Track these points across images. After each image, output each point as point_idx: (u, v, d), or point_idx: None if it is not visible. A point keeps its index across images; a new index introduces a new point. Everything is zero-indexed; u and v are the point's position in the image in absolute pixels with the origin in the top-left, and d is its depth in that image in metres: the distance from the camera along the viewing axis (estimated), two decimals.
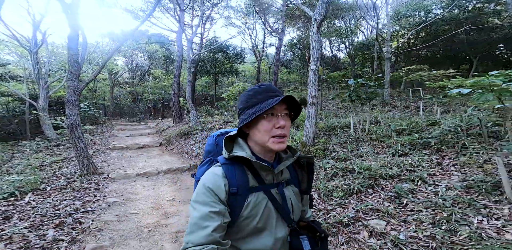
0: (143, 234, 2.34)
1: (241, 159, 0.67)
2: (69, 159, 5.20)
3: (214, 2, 13.77)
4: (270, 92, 0.67)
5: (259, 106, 0.65)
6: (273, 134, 0.65)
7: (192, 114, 8.19)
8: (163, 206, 2.98)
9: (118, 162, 5.17)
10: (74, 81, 3.49)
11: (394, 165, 2.87)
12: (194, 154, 5.49)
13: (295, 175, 0.77)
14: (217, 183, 0.64)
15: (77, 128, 3.65)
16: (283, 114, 0.67)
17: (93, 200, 3.07)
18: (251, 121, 0.66)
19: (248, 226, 0.65)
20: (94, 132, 8.93)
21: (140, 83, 17.07)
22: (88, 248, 2.10)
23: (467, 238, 1.57)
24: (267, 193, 0.68)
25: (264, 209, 0.66)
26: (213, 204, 0.61)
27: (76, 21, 3.62)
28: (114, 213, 2.75)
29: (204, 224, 0.58)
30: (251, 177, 0.68)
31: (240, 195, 0.65)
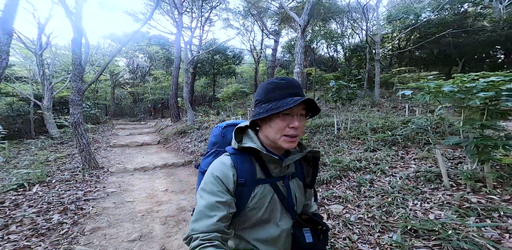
0: (136, 218, 2.68)
1: (250, 150, 0.67)
2: (72, 155, 5.56)
3: (213, 5, 14.13)
4: (291, 89, 0.64)
5: (275, 103, 0.63)
6: (285, 133, 0.64)
7: (189, 114, 8.54)
8: (156, 195, 3.32)
9: (118, 158, 5.52)
10: (77, 82, 3.84)
11: (364, 159, 3.19)
12: (189, 151, 5.83)
13: (300, 168, 0.77)
14: (226, 172, 0.64)
15: (80, 126, 4.01)
16: (298, 114, 0.65)
17: (93, 190, 3.42)
18: (265, 117, 0.65)
19: (253, 216, 0.66)
20: (95, 130, 9.31)
21: (140, 84, 17.48)
22: (88, 228, 2.44)
23: (399, 218, 1.89)
24: (273, 185, 0.68)
25: (269, 201, 0.67)
26: (220, 194, 0.61)
27: (80, 27, 3.97)
28: (112, 201, 3.10)
29: (210, 213, 0.59)
30: (259, 169, 0.68)
31: (247, 186, 0.65)
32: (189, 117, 8.43)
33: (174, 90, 10.53)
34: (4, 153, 5.88)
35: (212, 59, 15.39)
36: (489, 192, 1.99)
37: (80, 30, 3.76)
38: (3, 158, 5.40)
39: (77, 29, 3.83)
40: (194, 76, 15.38)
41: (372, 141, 3.74)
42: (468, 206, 1.87)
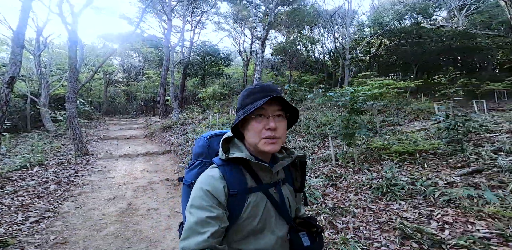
0: (114, 187, 3.52)
1: (238, 159, 0.66)
2: (66, 145, 6.34)
3: (204, 10, 14.94)
4: (265, 92, 0.64)
5: (249, 107, 0.63)
6: (263, 136, 0.63)
7: (174, 112, 9.37)
8: (134, 173, 4.16)
9: (107, 148, 6.33)
10: (73, 83, 4.65)
11: (298, 147, 4.09)
12: (171, 142, 6.66)
13: (289, 173, 0.77)
14: (216, 185, 0.62)
15: (74, 119, 4.81)
16: (274, 115, 0.64)
17: (83, 170, 4.24)
18: (243, 122, 0.65)
19: (248, 226, 0.64)
20: (88, 126, 10.06)
21: (134, 83, 18.20)
22: (75, 192, 3.27)
23: None
24: (265, 192, 0.68)
25: (263, 208, 0.66)
26: (210, 208, 0.59)
27: (75, 36, 4.77)
28: (97, 176, 3.93)
29: (201, 230, 0.56)
30: (249, 178, 0.67)
31: (239, 195, 0.63)
32: (174, 115, 9.26)
33: (162, 89, 11.34)
34: (5, 143, 6.63)
35: (203, 61, 16.18)
36: (350, 165, 2.88)
37: (76, 39, 4.56)
38: (5, 147, 6.15)
39: (73, 38, 4.63)
40: (184, 76, 16.17)
41: (312, 134, 4.65)
42: (330, 175, 2.77)
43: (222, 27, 18.46)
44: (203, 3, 14.21)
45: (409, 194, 2.26)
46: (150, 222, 2.63)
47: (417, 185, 2.30)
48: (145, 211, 2.88)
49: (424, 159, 2.89)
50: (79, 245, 2.18)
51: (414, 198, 2.20)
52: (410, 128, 4.35)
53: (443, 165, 2.68)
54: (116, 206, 2.95)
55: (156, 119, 11.46)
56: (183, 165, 4.61)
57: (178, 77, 17.10)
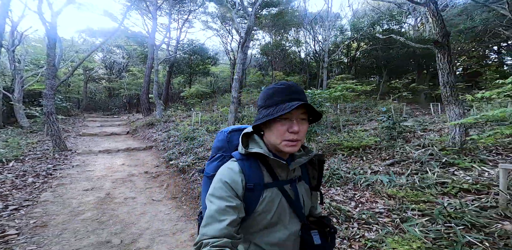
0: (93, 179, 3.70)
1: (257, 155, 0.68)
2: (42, 141, 6.27)
3: (191, 9, 14.91)
4: (290, 94, 0.65)
5: (273, 109, 0.63)
6: (286, 138, 0.63)
7: (158, 109, 9.45)
8: (113, 167, 4.34)
9: (86, 144, 6.35)
10: (51, 80, 4.69)
11: None
12: (153, 139, 6.81)
13: (306, 171, 0.78)
14: (234, 178, 0.65)
15: (52, 114, 4.86)
16: (299, 119, 0.64)
17: (61, 164, 4.34)
18: (266, 121, 0.65)
19: (262, 220, 0.66)
20: (66, 122, 9.83)
21: (117, 80, 17.74)
22: (54, 184, 3.43)
23: None
24: (281, 189, 0.69)
25: (278, 204, 0.67)
26: (229, 198, 0.62)
27: (54, 34, 4.80)
28: (76, 170, 4.07)
29: (221, 218, 0.59)
30: (266, 173, 0.69)
31: (256, 190, 0.65)
32: (158, 112, 9.34)
33: (146, 87, 11.32)
34: None
35: (189, 60, 16.16)
36: None
37: (55, 37, 4.60)
38: None
39: (51, 36, 4.66)
40: (170, 74, 16.06)
41: None
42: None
43: (210, 26, 18.44)
44: (190, 2, 14.20)
45: (345, 181, 2.72)
46: (126, 208, 2.89)
47: (351, 174, 2.78)
48: (122, 199, 3.13)
49: (366, 152, 3.40)
50: (57, 227, 2.41)
51: (347, 184, 2.66)
52: (367, 126, 4.92)
53: (377, 158, 3.20)
54: (94, 196, 3.16)
55: (139, 116, 11.41)
56: (163, 159, 4.85)
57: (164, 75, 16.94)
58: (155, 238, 2.32)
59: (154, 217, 2.72)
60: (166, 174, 4.08)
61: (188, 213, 2.83)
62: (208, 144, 4.98)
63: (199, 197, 3.11)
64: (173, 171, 4.11)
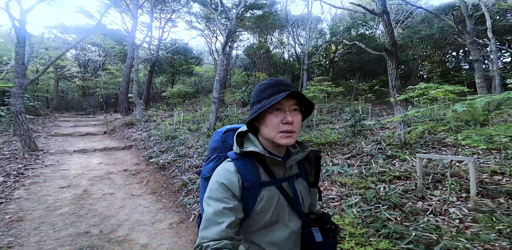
0: (68, 178, 3.68)
1: (252, 154, 0.68)
2: (9, 142, 5.91)
3: (174, 8, 14.76)
4: (280, 86, 0.66)
5: (266, 101, 0.64)
6: (280, 129, 0.64)
7: (138, 109, 9.28)
8: (90, 166, 4.30)
9: (59, 144, 6.11)
10: (20, 78, 4.51)
11: None
12: (133, 138, 6.73)
13: (303, 168, 0.78)
14: (231, 178, 0.65)
15: (21, 114, 4.66)
16: (291, 109, 0.65)
17: (33, 164, 4.21)
18: (259, 116, 0.66)
19: (261, 219, 0.66)
20: (34, 122, 9.23)
21: (92, 78, 16.88)
22: (27, 182, 3.37)
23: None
24: (278, 187, 0.69)
25: (276, 203, 0.67)
26: (226, 200, 0.62)
27: (23, 32, 4.62)
28: (49, 169, 3.99)
29: (219, 220, 0.59)
30: (263, 172, 0.69)
31: (253, 189, 0.65)
32: (138, 112, 9.18)
33: (125, 87, 11.04)
34: None
35: (172, 59, 15.92)
36: None
37: (24, 35, 4.43)
38: None
39: (21, 34, 4.50)
40: (151, 74, 15.69)
41: None
42: None
43: (195, 26, 18.27)
44: (174, 1, 14.07)
45: None
46: (105, 203, 2.97)
47: None
48: (101, 195, 3.19)
49: (331, 148, 3.83)
50: (34, 221, 2.44)
51: None
52: (337, 125, 5.43)
53: (339, 152, 3.64)
54: (70, 192, 3.18)
55: (117, 116, 11.04)
56: (144, 158, 4.89)
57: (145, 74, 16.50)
58: (135, 228, 2.46)
59: (134, 210, 2.84)
60: (146, 171, 4.16)
61: (168, 205, 2.99)
62: (190, 142, 5.13)
63: (178, 191, 3.28)
64: (153, 168, 4.21)
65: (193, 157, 4.21)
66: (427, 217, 1.98)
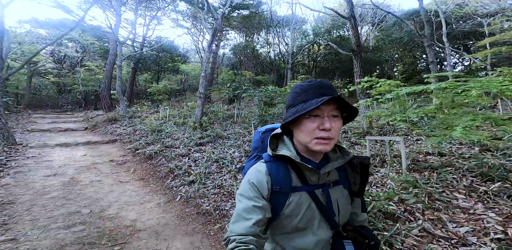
0: (53, 167, 3.75)
1: (285, 157, 0.66)
2: None
3: (159, 6, 14.57)
4: (318, 89, 0.62)
5: (302, 105, 0.62)
6: (316, 136, 0.61)
7: (121, 105, 9.18)
8: (74, 158, 4.36)
9: (38, 139, 5.97)
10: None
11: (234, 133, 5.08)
12: (117, 133, 6.72)
13: (345, 175, 0.73)
14: (261, 180, 0.65)
15: None
16: (330, 115, 0.61)
17: (14, 156, 4.18)
18: (294, 120, 0.64)
19: (289, 224, 0.65)
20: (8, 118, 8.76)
21: (69, 75, 16.10)
22: (12, 172, 3.41)
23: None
24: (311, 193, 0.66)
25: (306, 209, 0.65)
26: (256, 199, 0.63)
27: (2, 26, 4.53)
28: (32, 161, 4.00)
29: (247, 217, 0.61)
30: (295, 176, 0.67)
31: (282, 193, 0.65)
32: (121, 108, 9.09)
33: (107, 83, 10.83)
34: None
35: (157, 57, 15.68)
36: None
37: (3, 30, 4.36)
38: None
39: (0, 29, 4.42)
40: (135, 71, 15.34)
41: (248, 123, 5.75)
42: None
43: (181, 24, 18.08)
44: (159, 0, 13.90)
45: None
46: (93, 189, 3.14)
47: None
48: (88, 182, 3.34)
49: None
50: (25, 204, 2.58)
51: None
52: None
53: None
54: (57, 180, 3.29)
55: (99, 113, 10.77)
56: (129, 150, 5.01)
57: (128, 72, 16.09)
58: (124, 208, 2.69)
59: (122, 194, 3.05)
60: (132, 161, 4.32)
61: (155, 189, 3.23)
62: (176, 134, 5.33)
63: (165, 177, 3.52)
64: (140, 158, 4.37)
65: (179, 147, 4.44)
66: (370, 188, 2.45)
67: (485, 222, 1.79)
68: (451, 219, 1.88)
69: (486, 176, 2.34)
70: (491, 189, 2.12)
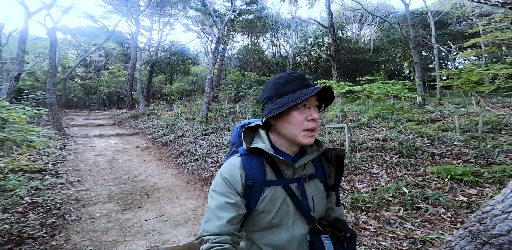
0: (98, 150, 5.10)
1: (261, 150, 0.65)
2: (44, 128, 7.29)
3: (171, 12, 15.98)
4: (302, 80, 0.63)
5: (292, 95, 0.60)
6: (305, 127, 0.61)
7: (141, 104, 10.66)
8: (110, 144, 5.72)
9: (79, 131, 7.50)
10: (53, 78, 5.88)
11: (232, 124, 6.19)
12: (138, 128, 8.12)
13: (322, 169, 0.72)
14: (234, 174, 0.63)
15: (54, 105, 6.03)
16: (314, 106, 0.63)
17: (69, 143, 5.62)
18: (280, 113, 0.62)
19: (263, 220, 0.64)
20: None
21: (94, 77, 18.14)
22: (71, 152, 4.77)
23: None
24: (286, 187, 0.65)
25: (281, 204, 0.64)
26: (229, 194, 0.61)
27: (55, 38, 5.96)
28: (81, 146, 5.41)
29: (220, 214, 0.59)
30: (270, 170, 0.66)
31: (256, 188, 0.63)
32: (141, 107, 10.56)
33: (129, 85, 12.43)
34: None
35: (170, 60, 17.17)
36: None
37: (56, 42, 5.76)
38: None
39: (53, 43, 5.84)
40: (151, 74, 16.98)
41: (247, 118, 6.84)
42: None
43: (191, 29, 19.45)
44: (171, 7, 15.28)
45: None
46: (128, 164, 4.40)
47: None
48: (123, 160, 4.62)
49: None
50: (86, 171, 3.87)
51: None
52: None
53: None
54: (103, 158, 4.60)
55: (122, 111, 12.41)
56: (149, 139, 6.30)
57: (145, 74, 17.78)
58: (148, 176, 3.90)
59: (147, 168, 4.28)
60: (153, 147, 5.59)
61: (170, 165, 4.43)
62: (186, 127, 6.55)
63: (177, 158, 4.71)
64: (158, 145, 5.64)
65: (188, 136, 5.65)
66: None
67: (378, 180, 2.74)
68: (359, 179, 2.85)
69: (401, 153, 3.25)
70: (393, 161, 3.04)
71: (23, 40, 4.57)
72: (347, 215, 2.19)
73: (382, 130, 4.84)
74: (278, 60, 18.51)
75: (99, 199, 2.92)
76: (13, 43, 12.68)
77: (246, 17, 15.54)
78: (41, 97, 11.53)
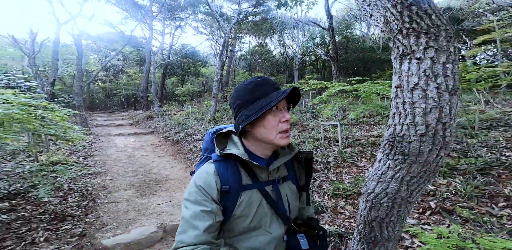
0: (118, 147, 5.78)
1: (235, 156, 0.65)
2: None
3: (182, 17, 16.76)
4: (271, 84, 0.65)
5: (264, 100, 0.61)
6: (280, 130, 0.63)
7: (155, 105, 11.45)
8: (129, 142, 6.41)
9: (103, 131, 8.35)
10: (80, 82, 6.67)
11: None
12: (153, 127, 8.83)
13: (293, 171, 0.75)
14: (209, 181, 0.63)
15: (82, 107, 6.87)
16: (285, 107, 0.65)
17: (95, 141, 6.38)
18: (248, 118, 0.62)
19: (241, 224, 0.64)
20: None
21: (114, 80, 19.48)
22: (97, 148, 5.47)
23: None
24: (261, 190, 0.67)
25: (258, 207, 0.65)
26: (204, 202, 0.60)
27: (81, 49, 6.73)
28: (105, 143, 6.13)
29: (196, 223, 0.57)
30: (245, 175, 0.66)
31: (232, 193, 0.63)
32: (155, 108, 11.35)
33: (144, 87, 13.33)
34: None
35: (181, 62, 18.02)
36: None
37: (81, 50, 6.53)
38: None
39: (80, 51, 6.62)
40: (164, 76, 17.94)
41: None
42: None
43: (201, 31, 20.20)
44: (182, 11, 16.02)
45: None
46: (144, 159, 4.99)
47: None
48: (140, 156, 5.23)
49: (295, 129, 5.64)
50: (111, 164, 4.49)
51: None
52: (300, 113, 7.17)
53: (297, 129, 5.39)
54: (123, 154, 5.24)
55: (139, 112, 13.35)
56: (163, 138, 6.92)
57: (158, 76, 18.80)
58: (161, 169, 4.44)
59: (160, 163, 4.83)
60: (166, 144, 6.18)
61: (180, 160, 4.95)
62: (195, 126, 7.09)
63: (187, 154, 5.22)
64: (170, 142, 6.22)
65: (197, 135, 6.16)
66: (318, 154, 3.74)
67: (363, 173, 3.01)
68: (346, 171, 3.13)
69: None
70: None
71: (55, 50, 5.31)
72: (328, 201, 2.51)
73: (380, 127, 5.00)
74: (286, 60, 18.68)
75: (121, 187, 3.48)
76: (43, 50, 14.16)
77: (252, 18, 15.87)
78: (69, 100, 12.76)
